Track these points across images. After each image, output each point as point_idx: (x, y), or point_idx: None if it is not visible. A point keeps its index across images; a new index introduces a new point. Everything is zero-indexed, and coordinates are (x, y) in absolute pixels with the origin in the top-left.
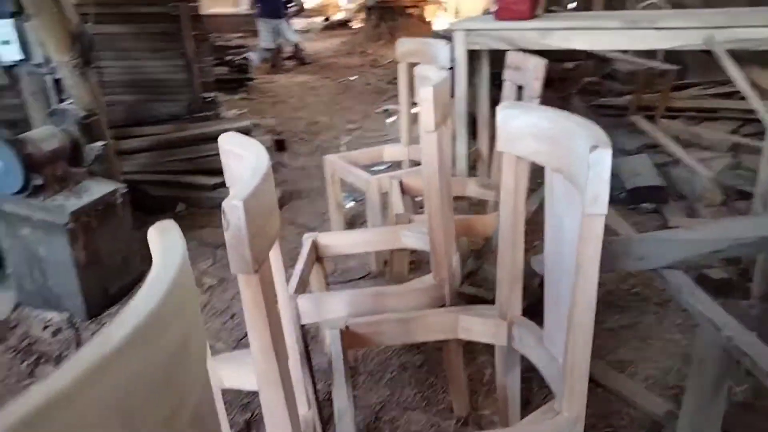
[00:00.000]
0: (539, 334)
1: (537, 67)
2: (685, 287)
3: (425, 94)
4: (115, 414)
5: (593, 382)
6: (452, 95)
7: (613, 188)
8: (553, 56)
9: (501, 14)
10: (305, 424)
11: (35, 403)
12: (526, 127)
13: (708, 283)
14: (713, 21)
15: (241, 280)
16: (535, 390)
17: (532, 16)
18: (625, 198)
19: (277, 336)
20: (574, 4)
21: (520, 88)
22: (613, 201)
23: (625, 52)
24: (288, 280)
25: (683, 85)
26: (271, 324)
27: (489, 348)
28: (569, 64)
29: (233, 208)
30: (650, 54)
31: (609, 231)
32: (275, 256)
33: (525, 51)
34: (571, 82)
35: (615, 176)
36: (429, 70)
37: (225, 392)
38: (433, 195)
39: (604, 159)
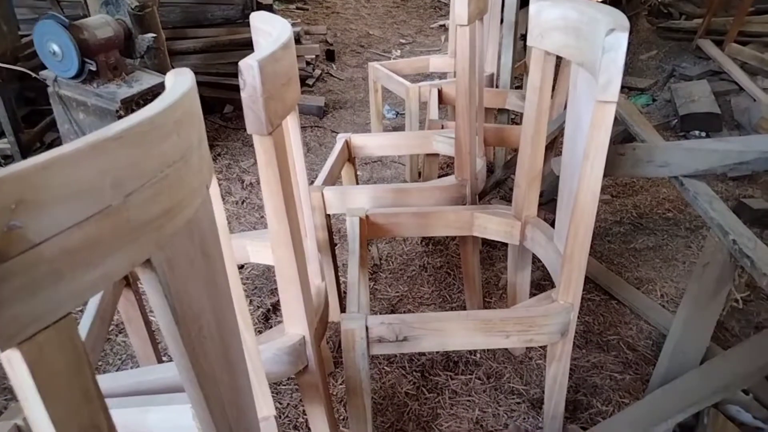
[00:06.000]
0: (551, 234)
1: None
2: (703, 195)
3: None
4: (109, 184)
5: (609, 294)
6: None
7: (666, 114)
8: None
9: None
10: (317, 291)
11: (44, 160)
12: (556, 20)
13: (747, 213)
14: None
15: (256, 141)
16: None
17: None
18: (677, 125)
19: (289, 199)
20: None
21: None
22: (666, 127)
23: None
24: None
25: (766, 9)
26: (283, 186)
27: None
28: None
29: (249, 68)
30: None
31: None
32: (294, 126)
33: None
34: (640, 1)
35: (669, 102)
36: None
37: (256, 278)
38: (461, 94)
39: (619, 43)
